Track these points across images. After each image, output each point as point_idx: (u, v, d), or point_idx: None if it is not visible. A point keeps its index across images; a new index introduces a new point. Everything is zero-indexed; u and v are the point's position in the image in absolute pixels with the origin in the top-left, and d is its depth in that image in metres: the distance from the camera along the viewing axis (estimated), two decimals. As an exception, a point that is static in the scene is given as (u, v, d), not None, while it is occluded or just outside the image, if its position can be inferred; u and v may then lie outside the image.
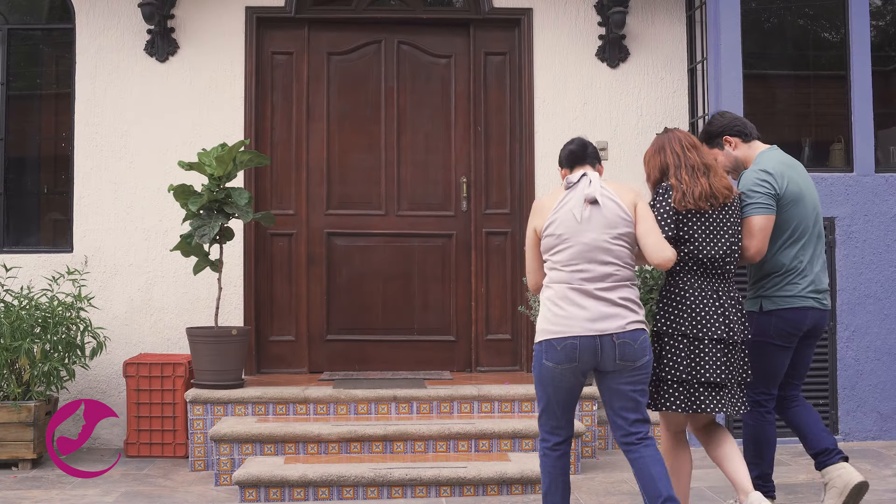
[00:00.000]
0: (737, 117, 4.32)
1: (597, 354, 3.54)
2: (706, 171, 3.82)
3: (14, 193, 6.56)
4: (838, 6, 6.29)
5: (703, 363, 3.73)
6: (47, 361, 5.57)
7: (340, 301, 6.53)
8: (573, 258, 3.58)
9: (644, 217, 3.63)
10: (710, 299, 3.77)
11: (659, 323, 3.82)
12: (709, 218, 3.80)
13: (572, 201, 3.62)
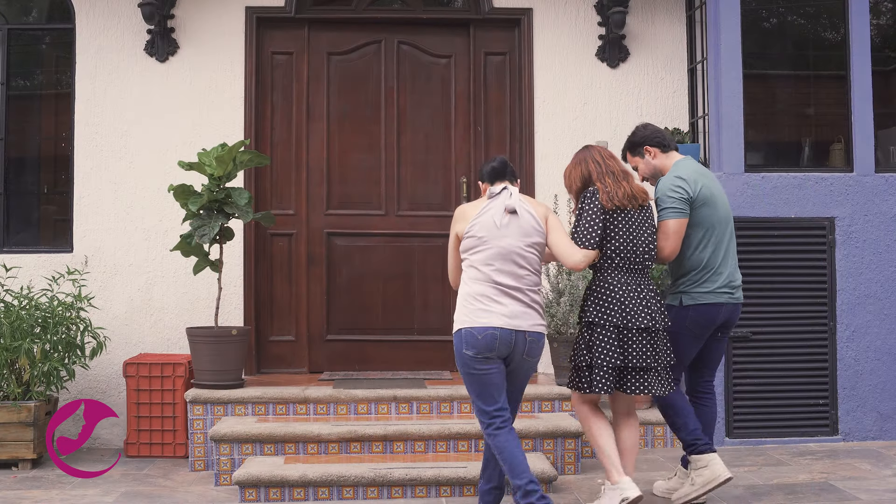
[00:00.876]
0: (658, 129, 4.74)
1: (510, 347, 3.99)
2: (625, 176, 4.33)
3: (14, 193, 6.56)
4: (838, 6, 6.29)
5: (632, 350, 4.16)
6: (47, 361, 5.57)
7: (340, 301, 6.53)
8: (491, 259, 4.03)
9: (555, 228, 4.15)
10: (634, 292, 4.21)
11: (590, 315, 4.22)
12: (630, 216, 4.26)
13: (493, 209, 4.08)
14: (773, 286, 5.94)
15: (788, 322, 5.95)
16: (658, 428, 5.87)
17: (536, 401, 5.61)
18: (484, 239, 4.05)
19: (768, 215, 5.96)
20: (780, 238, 5.96)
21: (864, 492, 4.78)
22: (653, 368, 4.20)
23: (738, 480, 5.05)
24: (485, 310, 3.98)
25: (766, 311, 5.93)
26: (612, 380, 4.17)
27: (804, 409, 5.96)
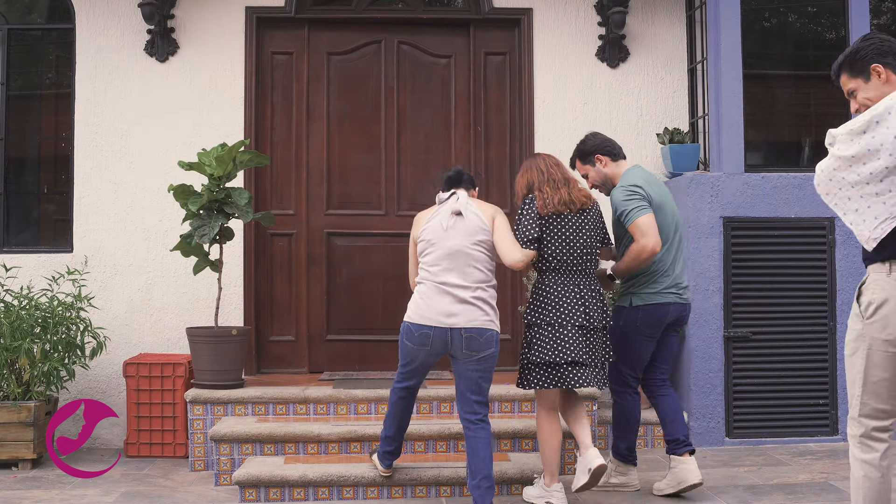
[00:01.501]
0: (607, 139, 4.90)
1: (447, 343, 4.31)
2: (566, 183, 4.55)
3: (14, 193, 6.56)
4: (838, 6, 6.29)
5: (566, 346, 4.38)
6: (47, 361, 5.57)
7: (340, 301, 6.53)
8: (437, 260, 4.33)
9: (499, 227, 4.38)
10: (571, 292, 4.44)
11: (529, 315, 4.49)
12: (567, 220, 4.48)
13: (441, 214, 4.40)
14: (773, 286, 5.94)
15: (788, 322, 5.95)
16: (658, 428, 5.87)
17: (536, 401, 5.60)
18: (432, 241, 4.36)
19: (768, 215, 5.96)
20: (780, 238, 5.96)
21: (864, 492, 4.78)
22: (588, 364, 4.43)
23: (738, 480, 5.05)
24: (424, 308, 4.32)
25: (766, 311, 5.93)
26: (549, 376, 4.44)
27: (804, 409, 5.96)
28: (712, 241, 5.88)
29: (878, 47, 3.21)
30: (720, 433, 5.88)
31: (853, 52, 3.28)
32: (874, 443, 3.12)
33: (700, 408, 5.87)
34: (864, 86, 3.25)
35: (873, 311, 3.09)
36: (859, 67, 3.25)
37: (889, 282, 3.06)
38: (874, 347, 3.09)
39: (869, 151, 2.99)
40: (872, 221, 3.04)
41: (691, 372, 5.88)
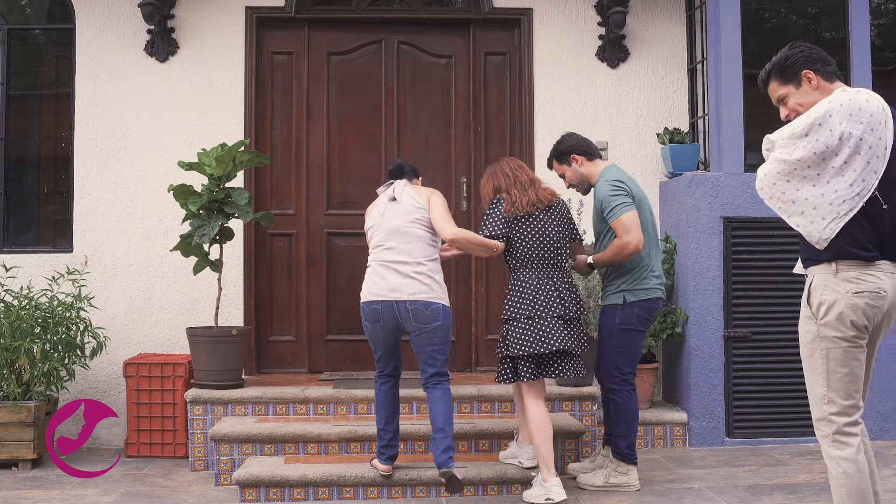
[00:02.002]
0: (583, 139, 5.02)
1: (397, 317, 4.57)
2: (532, 184, 4.78)
3: (14, 193, 6.56)
4: (838, 6, 6.29)
5: (550, 336, 4.54)
6: (47, 361, 5.57)
7: (340, 301, 6.53)
8: (380, 241, 4.68)
9: (434, 206, 4.68)
10: (546, 285, 4.63)
11: (507, 311, 4.65)
12: (537, 219, 4.69)
13: (380, 202, 4.79)
14: (773, 286, 5.94)
15: (788, 322, 5.93)
16: (658, 428, 5.88)
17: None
18: (375, 227, 4.74)
19: (768, 215, 5.94)
20: (780, 238, 5.95)
21: (864, 492, 4.78)
22: (571, 353, 4.64)
23: (738, 480, 5.05)
24: (371, 284, 4.67)
25: (766, 311, 5.93)
26: (534, 368, 4.60)
27: (804, 409, 5.84)
28: (712, 241, 5.88)
29: (806, 55, 3.31)
30: (720, 433, 5.88)
31: (782, 59, 3.35)
32: (847, 438, 3.17)
33: (700, 408, 5.87)
34: (795, 92, 3.31)
35: (825, 311, 3.18)
36: (790, 74, 3.32)
37: (837, 282, 3.17)
38: (831, 346, 3.18)
39: (814, 154, 3.08)
40: (821, 222, 3.14)
41: (691, 372, 5.88)
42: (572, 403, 5.65)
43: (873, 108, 3.11)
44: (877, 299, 3.16)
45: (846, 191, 3.09)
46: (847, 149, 3.07)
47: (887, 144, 3.11)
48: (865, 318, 3.16)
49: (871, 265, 3.16)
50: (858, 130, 3.07)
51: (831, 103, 3.10)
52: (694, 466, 5.39)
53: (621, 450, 4.85)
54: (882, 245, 3.17)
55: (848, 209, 3.10)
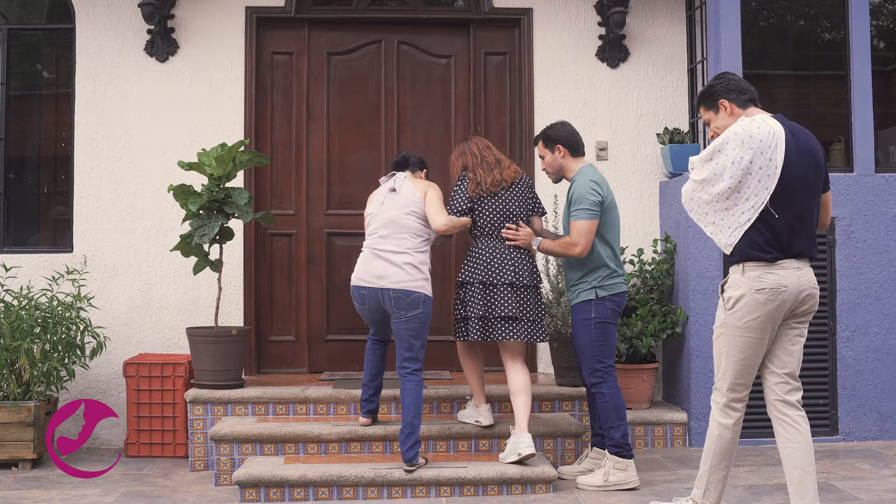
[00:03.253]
0: (574, 132, 5.11)
1: (380, 301, 4.91)
2: (497, 164, 5.08)
3: (14, 193, 6.56)
4: (838, 6, 6.29)
5: (498, 302, 4.89)
6: (47, 361, 5.57)
7: (340, 301, 6.53)
8: (375, 230, 4.98)
9: (430, 199, 4.98)
10: (501, 254, 4.95)
11: (463, 275, 4.98)
12: (500, 196, 5.03)
13: (381, 191, 5.11)
14: (773, 286, 5.93)
15: (788, 322, 5.95)
16: (658, 428, 5.88)
17: (536, 401, 5.62)
18: (373, 215, 5.03)
19: (768, 215, 5.96)
20: (780, 238, 5.96)
21: (864, 492, 4.78)
22: (520, 318, 4.93)
23: (738, 480, 5.05)
24: (361, 271, 4.97)
25: (766, 311, 5.93)
26: (482, 328, 4.91)
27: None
28: (712, 240, 5.86)
29: (725, 86, 3.91)
30: (720, 433, 5.87)
31: (707, 88, 3.97)
32: (732, 411, 3.88)
33: (700, 408, 5.87)
34: (714, 117, 3.93)
35: (733, 304, 3.77)
36: (711, 102, 3.94)
37: (743, 280, 3.76)
38: (734, 333, 3.78)
39: (715, 175, 3.71)
40: (727, 231, 3.75)
41: (691, 372, 5.88)
42: (572, 403, 5.66)
43: (763, 135, 3.68)
44: (777, 294, 3.72)
45: (744, 204, 3.70)
46: (739, 171, 3.67)
47: (777, 164, 3.67)
48: (766, 312, 3.73)
49: (772, 265, 3.73)
50: (749, 155, 3.66)
51: (729, 132, 3.73)
52: (694, 466, 5.37)
53: (616, 440, 4.86)
54: (782, 247, 3.73)
55: (746, 220, 3.71)
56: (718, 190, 3.71)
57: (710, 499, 3.98)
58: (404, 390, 4.86)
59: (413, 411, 4.81)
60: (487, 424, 5.14)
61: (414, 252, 4.91)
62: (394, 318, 4.90)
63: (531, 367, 6.45)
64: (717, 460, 3.92)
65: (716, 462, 3.93)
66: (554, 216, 6.14)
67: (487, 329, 4.93)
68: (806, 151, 3.77)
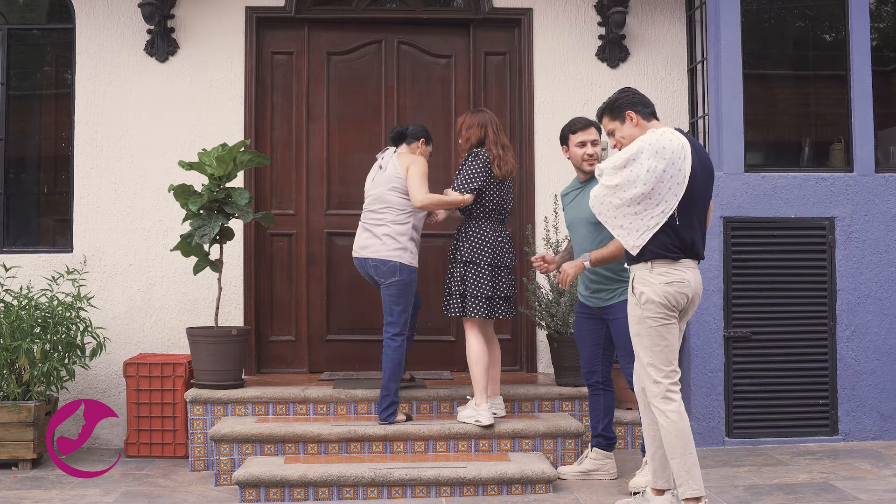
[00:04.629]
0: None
1: (365, 270, 5.33)
2: (509, 149, 5.29)
3: (14, 193, 6.56)
4: (838, 6, 6.29)
5: (501, 284, 5.23)
6: (47, 361, 5.57)
7: (340, 301, 6.53)
8: (366, 205, 5.42)
9: (411, 174, 5.22)
10: (503, 238, 5.27)
11: (469, 254, 5.18)
12: (506, 185, 5.30)
13: (374, 168, 5.50)
14: (773, 286, 5.94)
15: (788, 322, 5.95)
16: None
17: (536, 401, 5.62)
18: (366, 190, 5.46)
19: (768, 215, 5.97)
20: (780, 238, 5.96)
21: (864, 492, 4.78)
22: (511, 297, 5.31)
23: (738, 480, 5.05)
24: (354, 243, 5.41)
25: (766, 311, 5.93)
26: (486, 308, 5.17)
27: (804, 409, 5.96)
28: (712, 241, 5.87)
29: (630, 98, 4.21)
30: (720, 433, 5.88)
31: (613, 101, 4.25)
32: (672, 395, 4.06)
33: (700, 408, 5.87)
34: (620, 127, 4.21)
35: (646, 299, 4.05)
36: (618, 113, 4.21)
37: (652, 276, 4.05)
38: (653, 324, 4.05)
39: (628, 181, 3.97)
40: (635, 233, 4.03)
41: (691, 372, 5.88)
42: (572, 403, 5.66)
43: (674, 147, 3.97)
44: (682, 287, 4.06)
45: (654, 209, 3.98)
46: (653, 178, 3.94)
47: (685, 174, 3.97)
48: (675, 301, 4.05)
49: (677, 262, 4.06)
50: (662, 164, 3.94)
51: (643, 143, 4.00)
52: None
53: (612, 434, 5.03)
54: (685, 248, 4.06)
55: (655, 224, 3.99)
56: (631, 195, 3.98)
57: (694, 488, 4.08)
58: (383, 354, 5.23)
59: (388, 375, 5.20)
60: (487, 424, 5.16)
61: (393, 224, 5.25)
62: (379, 286, 5.30)
63: (531, 367, 6.45)
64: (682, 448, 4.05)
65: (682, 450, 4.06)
66: (554, 216, 6.13)
67: (492, 308, 5.20)
68: (704, 163, 4.11)
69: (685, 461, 4.03)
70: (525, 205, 6.44)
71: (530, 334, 6.43)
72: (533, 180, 6.45)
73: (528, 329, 6.41)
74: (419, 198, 5.17)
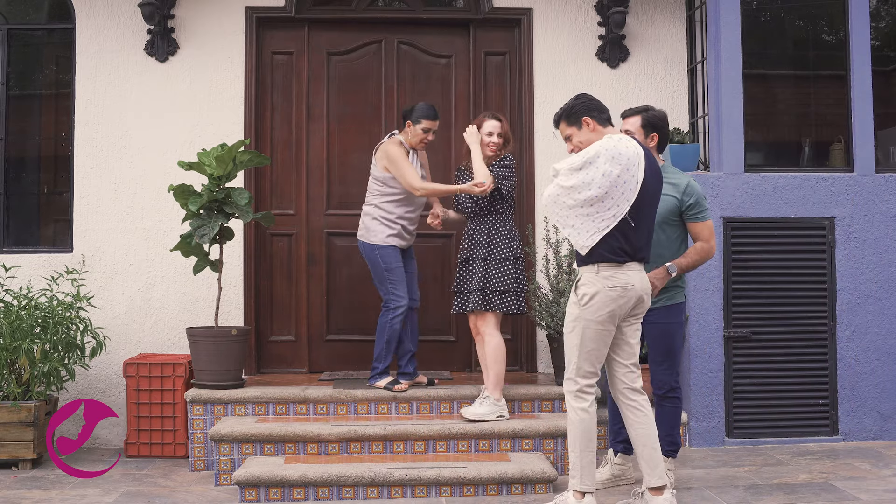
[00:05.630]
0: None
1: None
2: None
3: (14, 193, 6.56)
4: (838, 6, 6.29)
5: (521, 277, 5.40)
6: (47, 361, 5.57)
7: (340, 301, 6.53)
8: None
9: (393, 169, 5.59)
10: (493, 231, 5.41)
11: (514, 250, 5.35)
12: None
13: None
14: (773, 286, 5.94)
15: (788, 322, 5.95)
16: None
17: (536, 401, 5.61)
18: None
19: (768, 215, 5.96)
20: (780, 238, 5.96)
21: (864, 492, 4.78)
22: (511, 290, 5.34)
23: (738, 480, 5.05)
24: None
25: (766, 311, 5.93)
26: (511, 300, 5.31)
27: (804, 409, 5.96)
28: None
29: (587, 105, 4.34)
30: (720, 433, 5.88)
31: (569, 107, 4.36)
32: (586, 395, 4.21)
33: (700, 408, 5.87)
34: (577, 132, 4.32)
35: (588, 300, 4.16)
36: (574, 119, 4.33)
37: (598, 279, 4.16)
38: (588, 326, 4.16)
39: (583, 184, 4.08)
40: (585, 234, 4.14)
41: (691, 372, 5.88)
42: (572, 403, 5.65)
43: (630, 154, 4.11)
44: (626, 291, 4.15)
45: (606, 213, 4.09)
46: (608, 182, 4.05)
47: (638, 180, 4.10)
48: (617, 306, 4.14)
49: (623, 266, 4.15)
50: (617, 170, 4.06)
51: (600, 147, 4.12)
52: (694, 466, 5.39)
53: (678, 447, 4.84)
54: (632, 252, 4.17)
55: (605, 226, 4.10)
56: (585, 197, 4.09)
57: (586, 483, 4.20)
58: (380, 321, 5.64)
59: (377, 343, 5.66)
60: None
61: (365, 206, 5.72)
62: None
63: (531, 367, 6.45)
64: (584, 444, 4.19)
65: (583, 446, 4.19)
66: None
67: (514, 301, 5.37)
68: (655, 171, 4.24)
69: (584, 457, 4.19)
70: (525, 205, 6.44)
71: (530, 334, 6.43)
72: (533, 180, 6.45)
73: (528, 329, 6.41)
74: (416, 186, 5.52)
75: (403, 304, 5.58)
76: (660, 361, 4.72)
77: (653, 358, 4.76)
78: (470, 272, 5.41)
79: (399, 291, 5.59)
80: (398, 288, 5.59)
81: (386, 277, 5.59)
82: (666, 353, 4.72)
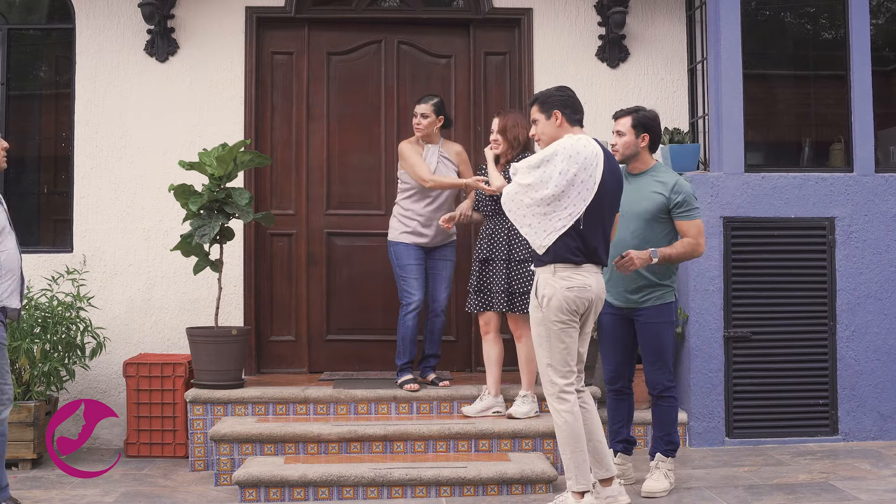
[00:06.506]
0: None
1: None
2: None
3: (14, 193, 6.55)
4: (838, 6, 6.29)
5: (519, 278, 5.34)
6: (47, 361, 5.57)
7: (340, 301, 6.53)
8: None
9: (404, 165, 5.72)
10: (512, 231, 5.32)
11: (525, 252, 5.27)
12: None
13: None
14: (773, 286, 5.93)
15: (788, 322, 5.95)
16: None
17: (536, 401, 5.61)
18: None
19: (768, 215, 5.96)
20: (780, 238, 5.96)
21: (864, 492, 4.79)
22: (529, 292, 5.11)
23: (738, 480, 5.05)
24: None
25: (766, 311, 5.93)
26: (505, 301, 5.31)
27: (804, 409, 5.96)
28: (712, 241, 5.87)
29: (563, 99, 4.32)
30: (720, 433, 5.88)
31: (547, 94, 4.37)
32: (566, 395, 4.17)
33: (700, 408, 5.87)
34: (544, 121, 4.33)
35: (548, 301, 4.16)
36: (546, 108, 4.32)
37: (555, 280, 4.16)
38: (554, 327, 4.16)
39: (540, 182, 4.10)
40: (542, 233, 4.14)
41: (691, 372, 5.88)
42: (572, 403, 5.65)
43: (588, 153, 4.12)
44: (583, 292, 4.17)
45: (562, 212, 4.10)
46: (564, 181, 4.07)
47: (597, 180, 4.12)
48: (576, 306, 4.16)
49: (579, 267, 4.16)
50: (574, 169, 4.07)
51: (558, 146, 4.14)
52: (694, 466, 5.39)
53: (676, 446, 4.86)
54: (588, 253, 4.17)
55: (562, 226, 4.11)
56: (541, 196, 4.10)
57: (582, 483, 4.18)
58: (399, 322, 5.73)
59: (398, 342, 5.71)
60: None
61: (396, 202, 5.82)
62: None
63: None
64: (574, 445, 4.17)
65: (574, 447, 4.17)
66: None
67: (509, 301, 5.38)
68: (615, 173, 4.26)
69: (576, 458, 4.16)
70: (525, 205, 6.44)
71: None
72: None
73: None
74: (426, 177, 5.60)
75: (414, 301, 5.63)
76: (652, 361, 4.76)
77: (645, 358, 4.79)
78: (491, 273, 5.42)
79: (410, 288, 5.64)
80: (409, 285, 5.65)
81: (398, 274, 5.69)
82: (658, 352, 4.75)
